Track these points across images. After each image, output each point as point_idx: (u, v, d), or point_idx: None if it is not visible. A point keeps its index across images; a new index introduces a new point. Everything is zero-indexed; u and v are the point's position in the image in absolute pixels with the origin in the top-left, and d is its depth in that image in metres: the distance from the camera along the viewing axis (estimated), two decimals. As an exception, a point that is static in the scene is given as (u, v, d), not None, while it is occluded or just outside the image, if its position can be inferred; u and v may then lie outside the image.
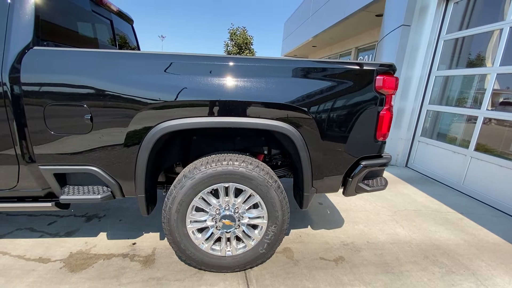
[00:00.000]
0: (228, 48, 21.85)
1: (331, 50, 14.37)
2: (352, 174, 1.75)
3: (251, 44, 21.59)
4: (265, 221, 1.72)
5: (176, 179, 1.65)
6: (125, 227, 2.33)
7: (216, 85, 1.50)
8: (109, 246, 2.05)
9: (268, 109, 1.57)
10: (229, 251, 1.76)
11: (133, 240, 2.14)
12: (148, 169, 1.58)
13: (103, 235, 2.20)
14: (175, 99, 1.47)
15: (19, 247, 2.00)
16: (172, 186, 1.64)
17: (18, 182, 1.55)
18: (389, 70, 1.69)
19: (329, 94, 1.60)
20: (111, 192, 1.62)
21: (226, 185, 1.64)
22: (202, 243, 1.73)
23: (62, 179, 1.62)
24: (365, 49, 11.24)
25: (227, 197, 1.68)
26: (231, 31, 21.53)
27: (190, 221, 1.68)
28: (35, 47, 1.41)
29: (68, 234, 2.19)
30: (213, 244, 1.76)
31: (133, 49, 2.89)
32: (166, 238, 2.17)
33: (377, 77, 1.65)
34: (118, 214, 2.55)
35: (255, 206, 1.73)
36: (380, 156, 1.82)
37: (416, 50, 4.32)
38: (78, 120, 1.45)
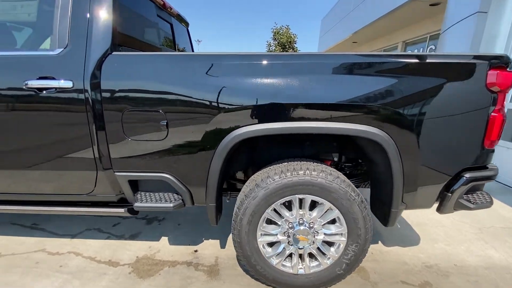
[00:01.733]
0: (271, 47, 21.52)
1: (372, 46, 13.51)
2: (452, 188, 1.48)
3: (295, 43, 21.00)
4: (344, 239, 1.53)
5: (247, 187, 1.53)
6: (185, 232, 2.30)
7: (299, 87, 1.35)
8: (172, 252, 2.02)
9: (355, 112, 1.37)
10: (301, 268, 1.60)
11: (194, 247, 2.09)
12: (220, 177, 1.49)
13: (165, 240, 2.19)
14: (255, 103, 1.35)
15: (90, 248, 2.06)
16: (243, 196, 1.53)
17: (95, 187, 1.56)
18: (502, 63, 1.38)
19: (429, 93, 1.35)
20: (182, 200, 1.56)
21: (301, 196, 1.48)
22: (273, 258, 1.59)
23: (135, 185, 1.60)
24: (414, 42, 10.32)
25: (301, 210, 1.52)
26: (274, 30, 21.09)
27: (261, 234, 1.56)
28: (114, 53, 1.40)
29: (132, 237, 2.22)
30: (284, 260, 1.61)
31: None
32: (226, 248, 2.09)
33: (489, 72, 1.36)
34: (177, 218, 2.55)
35: (332, 221, 1.54)
36: (485, 168, 1.51)
37: (493, 40, 3.74)
38: (154, 126, 1.40)
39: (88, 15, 1.41)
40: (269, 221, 1.56)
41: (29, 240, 2.15)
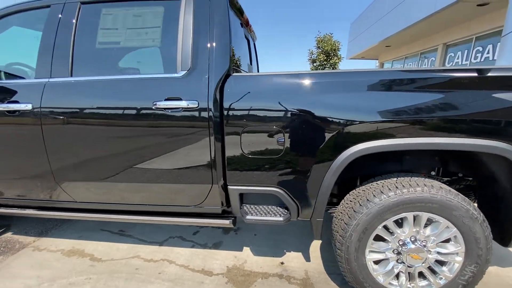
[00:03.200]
0: (313, 56, 21.40)
1: (408, 49, 13.04)
2: None
3: (339, 50, 20.77)
4: (460, 259, 1.46)
5: (355, 203, 1.53)
6: (263, 243, 2.33)
7: (423, 102, 1.34)
8: (259, 263, 2.05)
9: (483, 126, 1.32)
10: (410, 288, 1.55)
11: (279, 259, 2.11)
12: (329, 193, 1.50)
13: (247, 250, 2.23)
14: (375, 119, 1.36)
15: (180, 256, 2.15)
16: (351, 211, 1.52)
17: (205, 199, 1.64)
18: None
19: None
20: (290, 214, 1.59)
21: (417, 214, 1.44)
22: (380, 276, 1.56)
23: (240, 198, 1.66)
24: (456, 44, 9.82)
25: (414, 227, 1.49)
26: (318, 38, 21.07)
27: (369, 251, 1.54)
28: (233, 74, 1.48)
29: (215, 246, 2.29)
30: (391, 278, 1.57)
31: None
32: (312, 261, 2.08)
33: None
34: (251, 227, 2.59)
35: (447, 239, 1.49)
36: None
37: None
38: (271, 142, 1.45)
39: (209, 40, 1.50)
40: (378, 238, 1.54)
41: (121, 246, 2.29)
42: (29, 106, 1.59)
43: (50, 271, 1.95)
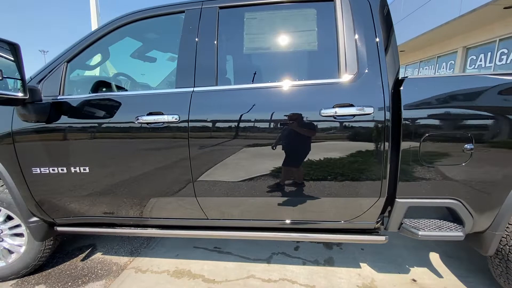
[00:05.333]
0: None
1: (424, 53, 13.09)
2: None
3: None
4: None
5: None
6: (377, 258, 2.17)
7: None
8: (390, 281, 1.89)
9: None
10: None
11: (407, 275, 1.96)
12: None
13: (365, 266, 2.07)
14: None
15: (298, 275, 1.98)
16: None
17: (363, 214, 1.50)
18: None
19: None
20: (463, 227, 1.45)
21: None
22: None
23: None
24: (477, 46, 9.85)
25: None
26: None
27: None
28: (409, 77, 1.36)
29: (329, 263, 2.13)
30: None
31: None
32: (445, 277, 1.93)
33: None
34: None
35: None
36: None
37: None
38: (456, 150, 1.32)
39: (375, 41, 1.40)
40: None
41: (227, 265, 2.13)
42: (175, 117, 1.46)
43: (169, 296, 1.79)
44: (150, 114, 1.50)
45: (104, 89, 1.87)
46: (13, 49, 1.36)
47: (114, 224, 1.84)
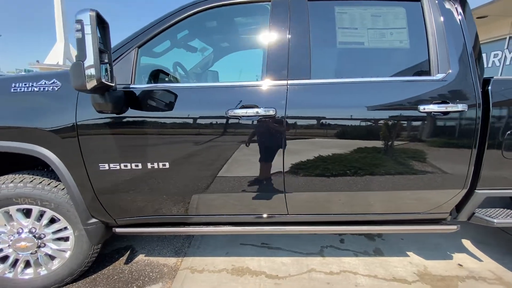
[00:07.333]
0: None
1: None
2: None
3: None
4: None
5: None
6: (420, 246, 2.31)
7: None
8: (441, 267, 2.03)
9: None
10: None
11: (452, 261, 2.12)
12: None
13: (412, 255, 2.20)
14: None
15: (357, 266, 2.04)
16: None
17: (443, 204, 1.60)
18: None
19: None
20: (529, 215, 1.61)
21: None
22: None
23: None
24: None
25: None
26: None
27: None
28: (495, 77, 1.47)
29: (378, 253, 2.22)
30: None
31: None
32: (485, 261, 2.12)
33: None
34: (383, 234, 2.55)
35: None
36: None
37: None
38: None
39: (463, 41, 1.48)
40: None
41: (283, 260, 2.13)
42: (271, 111, 1.41)
43: (240, 294, 1.75)
44: (243, 107, 1.43)
45: (166, 79, 1.74)
46: (102, 28, 1.21)
47: (178, 223, 1.74)
